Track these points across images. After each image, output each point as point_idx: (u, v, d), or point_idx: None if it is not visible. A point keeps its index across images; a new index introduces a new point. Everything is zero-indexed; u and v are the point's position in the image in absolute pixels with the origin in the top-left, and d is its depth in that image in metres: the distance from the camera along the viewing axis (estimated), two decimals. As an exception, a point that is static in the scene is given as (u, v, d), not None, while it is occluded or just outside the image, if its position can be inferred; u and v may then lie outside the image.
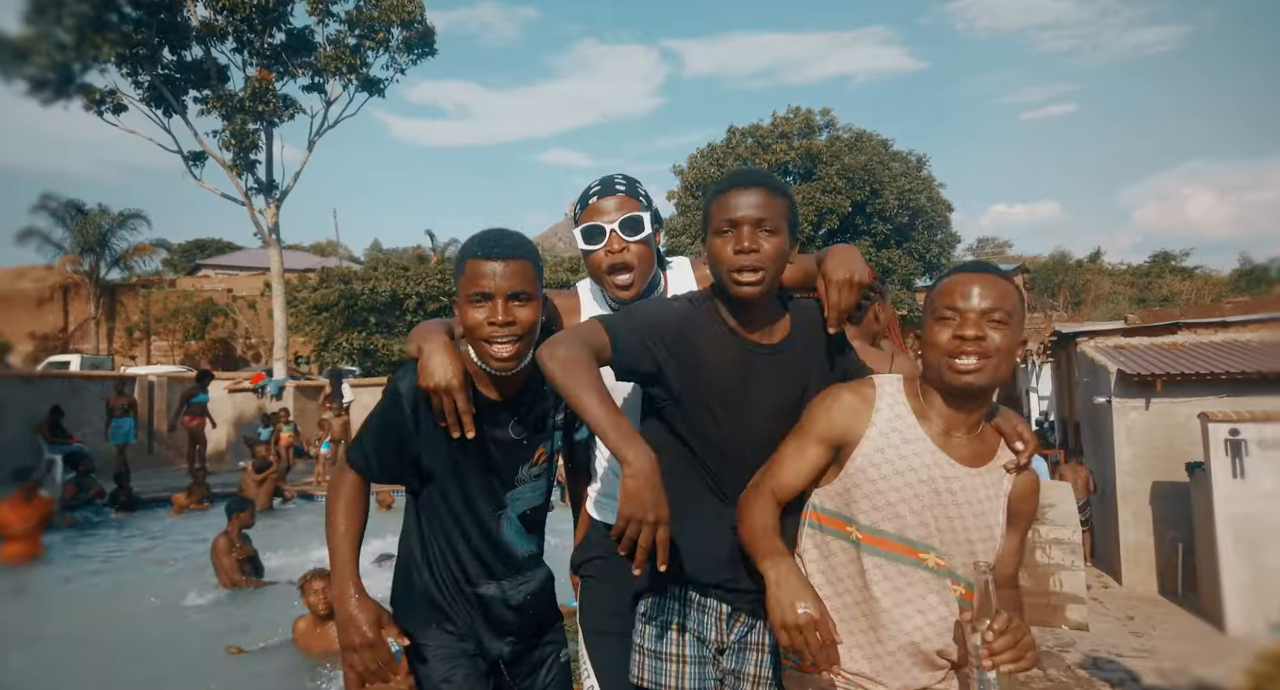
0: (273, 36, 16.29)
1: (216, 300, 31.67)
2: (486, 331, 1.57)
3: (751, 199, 1.52)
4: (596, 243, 1.71)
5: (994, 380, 1.42)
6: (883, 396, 1.51)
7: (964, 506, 1.47)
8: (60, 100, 15.05)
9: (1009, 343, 1.42)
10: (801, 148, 27.46)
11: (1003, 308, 1.42)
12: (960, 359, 1.41)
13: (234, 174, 16.35)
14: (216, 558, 6.27)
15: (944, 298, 1.45)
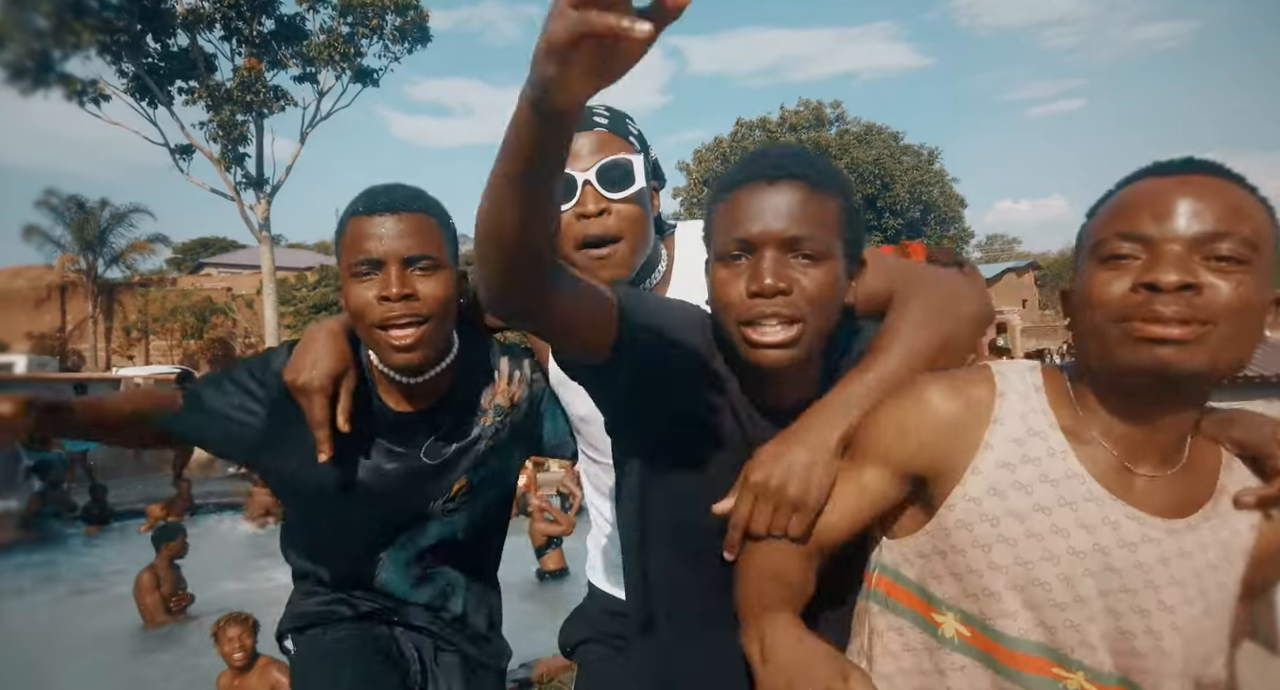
0: (262, 24, 15.76)
1: (215, 299, 31.31)
2: (378, 313, 1.17)
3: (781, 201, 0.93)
4: (564, 200, 1.14)
5: (1217, 363, 0.80)
6: (1008, 400, 0.91)
7: (1164, 589, 0.86)
8: (39, 90, 14.55)
9: (1247, 297, 0.79)
10: (810, 141, 26.93)
11: (1236, 233, 0.80)
12: (1154, 324, 0.79)
13: (222, 167, 15.82)
14: (139, 595, 5.54)
15: (1120, 221, 0.84)
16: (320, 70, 16.31)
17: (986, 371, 0.95)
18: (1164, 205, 0.82)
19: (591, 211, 1.15)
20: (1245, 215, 0.81)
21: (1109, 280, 0.83)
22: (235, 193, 16.12)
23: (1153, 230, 0.81)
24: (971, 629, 0.91)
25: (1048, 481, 0.88)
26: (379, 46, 16.45)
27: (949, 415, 0.91)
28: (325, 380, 1.23)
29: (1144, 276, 0.80)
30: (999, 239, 64.87)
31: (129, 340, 31.78)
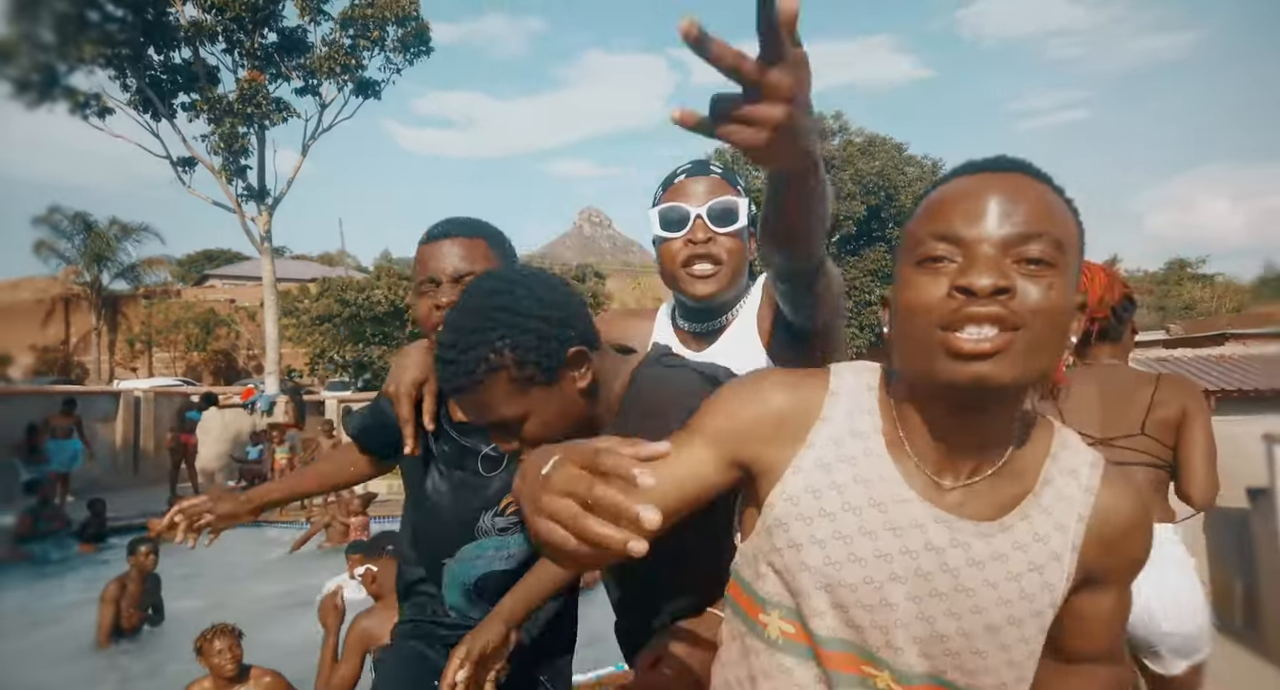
0: (264, 37, 15.78)
1: (219, 311, 31.37)
2: (435, 320, 1.32)
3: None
4: (677, 230, 1.36)
5: (1026, 371, 0.77)
6: (838, 400, 0.90)
7: (977, 592, 0.84)
8: (45, 103, 14.57)
9: (1056, 301, 0.77)
10: (814, 152, 26.94)
11: (1047, 234, 0.78)
12: (969, 337, 0.76)
13: (223, 180, 15.81)
14: (99, 606, 5.34)
15: (935, 221, 0.81)
16: (322, 82, 16.34)
17: (826, 371, 0.94)
18: (976, 205, 0.79)
19: (699, 239, 1.35)
20: (1055, 217, 0.80)
21: (927, 283, 0.80)
22: (237, 205, 16.11)
23: (966, 231, 0.79)
24: (795, 625, 0.90)
25: (861, 482, 0.86)
26: (380, 58, 16.48)
27: (777, 408, 0.90)
28: (409, 387, 1.43)
29: (959, 279, 0.77)
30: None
31: (132, 352, 31.88)
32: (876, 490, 0.86)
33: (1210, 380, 9.37)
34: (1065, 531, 0.85)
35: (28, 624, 6.27)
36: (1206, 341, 11.24)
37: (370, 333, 20.11)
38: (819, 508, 0.87)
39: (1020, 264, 0.77)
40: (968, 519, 0.85)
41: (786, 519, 0.88)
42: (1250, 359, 10.44)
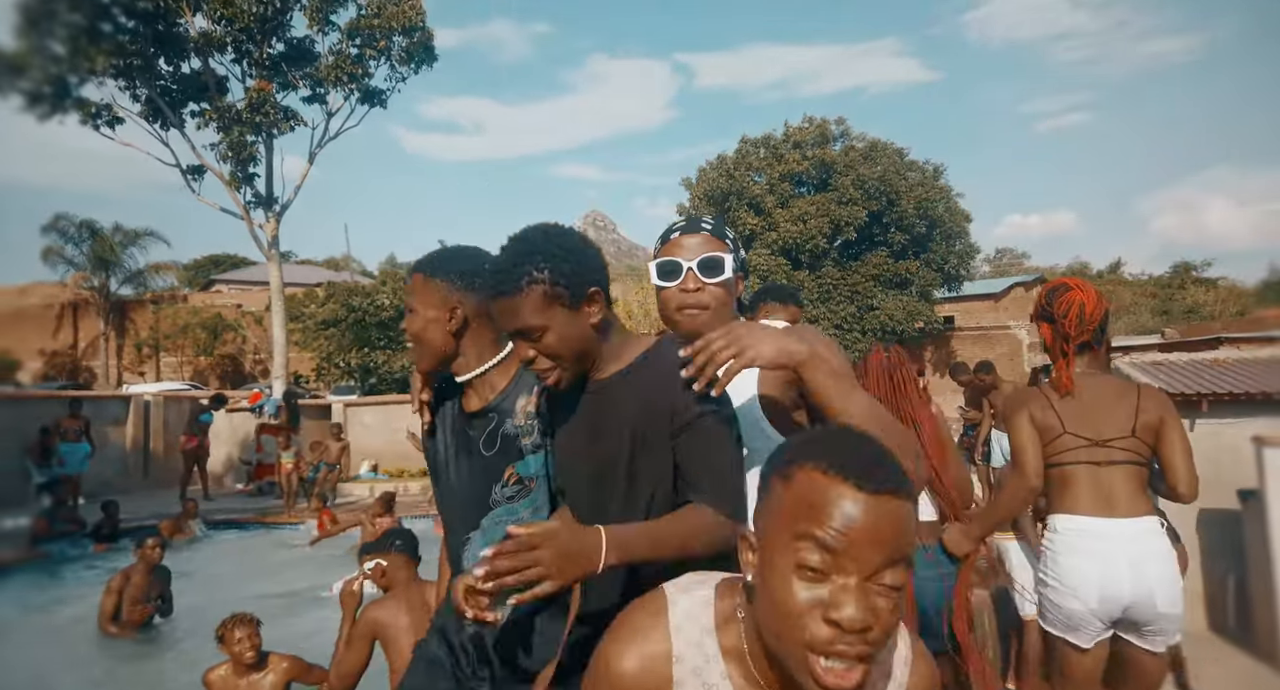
0: (272, 47, 16.00)
1: (226, 316, 31.58)
2: None
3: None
4: (671, 279, 1.58)
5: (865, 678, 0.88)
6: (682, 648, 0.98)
7: None
8: (56, 114, 14.79)
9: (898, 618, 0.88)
10: (815, 158, 26.98)
11: (904, 560, 0.87)
12: (832, 661, 0.86)
13: (232, 187, 16.03)
14: (103, 597, 5.54)
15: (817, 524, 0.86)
16: (329, 91, 16.54)
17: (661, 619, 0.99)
18: (857, 529, 0.85)
19: (690, 288, 1.55)
20: (910, 535, 0.87)
21: (800, 592, 0.87)
22: (245, 212, 16.32)
23: (842, 555, 0.85)
24: None
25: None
26: (386, 68, 16.68)
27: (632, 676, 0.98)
28: (419, 377, 1.81)
29: (831, 613, 0.85)
30: (1008, 253, 64.72)
31: (140, 357, 32.12)
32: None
33: (1203, 384, 9.47)
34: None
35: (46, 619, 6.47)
36: (1201, 345, 11.32)
37: (376, 337, 20.30)
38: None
39: (881, 588, 0.85)
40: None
41: None
42: (1243, 362, 10.53)
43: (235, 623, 3.80)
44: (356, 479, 13.68)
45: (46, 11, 13.86)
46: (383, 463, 14.43)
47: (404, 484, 13.06)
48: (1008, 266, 58.51)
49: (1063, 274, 51.17)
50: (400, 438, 13.90)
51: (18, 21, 13.78)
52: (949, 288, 28.85)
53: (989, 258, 58.97)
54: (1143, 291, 43.21)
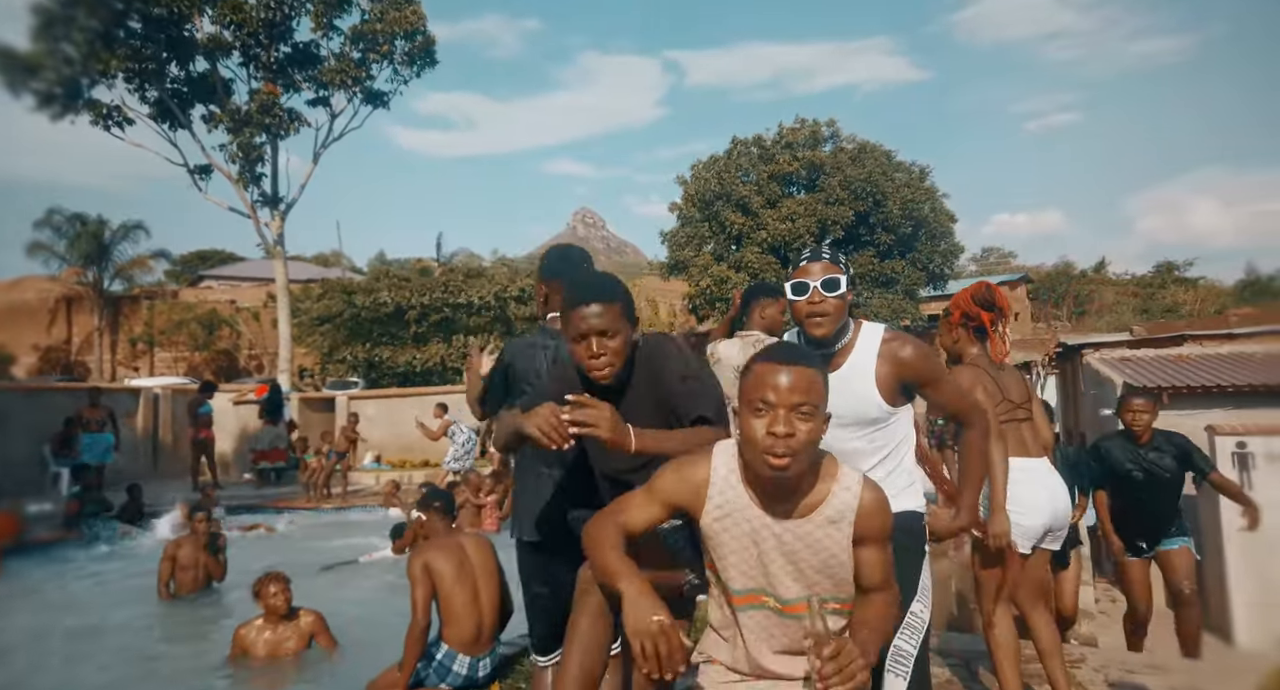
0: (278, 51, 16.40)
1: (220, 311, 31.79)
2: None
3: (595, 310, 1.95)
4: (801, 295, 2.16)
5: (802, 468, 1.55)
6: (718, 473, 1.65)
7: (799, 552, 1.61)
8: (68, 115, 15.13)
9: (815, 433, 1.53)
10: (805, 159, 27.52)
11: (811, 400, 1.53)
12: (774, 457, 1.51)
13: (240, 187, 16.42)
14: (160, 565, 6.13)
15: (758, 390, 1.54)
16: (333, 93, 16.96)
17: (710, 454, 1.68)
18: (779, 383, 1.52)
19: (815, 301, 2.12)
20: (817, 390, 1.54)
21: (756, 422, 1.53)
22: (252, 210, 16.71)
23: (774, 398, 1.52)
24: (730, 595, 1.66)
25: (736, 508, 1.64)
26: (389, 70, 17.12)
27: (696, 480, 1.66)
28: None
29: (769, 428, 1.51)
30: (995, 252, 65.39)
31: (134, 352, 32.27)
32: (742, 511, 1.63)
33: (1164, 377, 10.12)
34: (843, 519, 1.61)
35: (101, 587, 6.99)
36: (1167, 342, 11.97)
37: (378, 334, 20.71)
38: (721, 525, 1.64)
39: (799, 415, 1.50)
40: (788, 519, 1.61)
41: (709, 532, 1.65)
42: (1204, 358, 11.18)
43: (269, 579, 4.39)
44: (362, 469, 14.12)
45: (62, 15, 14.20)
46: (386, 454, 14.86)
47: (408, 474, 13.52)
48: (994, 265, 59.22)
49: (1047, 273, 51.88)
50: (403, 430, 14.35)
51: (33, 24, 14.11)
52: (934, 286, 29.49)
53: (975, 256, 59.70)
54: (1124, 291, 44.01)
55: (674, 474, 1.68)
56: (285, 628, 4.46)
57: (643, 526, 1.69)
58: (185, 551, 6.22)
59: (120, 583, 7.10)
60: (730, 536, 1.63)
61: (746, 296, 4.00)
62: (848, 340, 2.19)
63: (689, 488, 1.67)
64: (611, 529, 1.66)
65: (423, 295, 19.92)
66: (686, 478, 1.67)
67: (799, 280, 2.15)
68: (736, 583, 1.65)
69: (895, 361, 2.14)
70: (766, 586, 1.64)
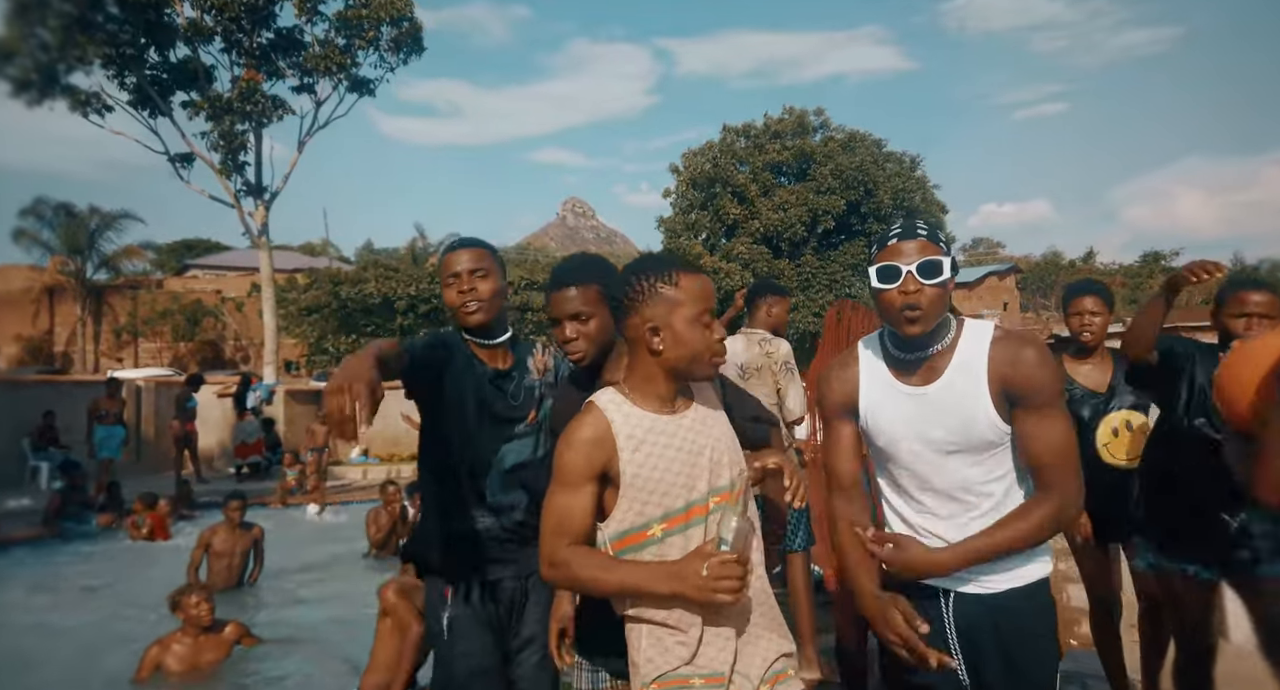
0: (260, 37, 16.08)
1: (205, 302, 31.44)
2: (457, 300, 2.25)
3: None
4: (891, 282, 1.69)
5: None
6: (605, 408, 1.57)
7: (703, 449, 1.57)
8: (45, 102, 14.80)
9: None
10: (795, 148, 27.38)
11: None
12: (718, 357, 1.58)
13: (222, 176, 16.13)
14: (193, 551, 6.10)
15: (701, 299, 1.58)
16: (318, 81, 16.67)
17: (592, 403, 1.59)
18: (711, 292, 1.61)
19: (910, 291, 1.67)
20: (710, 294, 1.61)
21: (703, 330, 1.56)
22: (235, 199, 16.43)
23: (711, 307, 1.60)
24: (667, 520, 1.54)
25: (644, 428, 1.55)
26: (375, 57, 16.82)
27: (598, 430, 1.54)
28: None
29: (714, 334, 1.58)
30: (984, 242, 65.67)
31: (118, 343, 31.91)
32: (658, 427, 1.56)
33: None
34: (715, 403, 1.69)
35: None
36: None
37: (364, 324, 20.49)
38: (641, 455, 1.54)
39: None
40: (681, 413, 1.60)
41: (636, 471, 1.53)
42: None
43: (190, 589, 4.20)
44: (349, 463, 13.95)
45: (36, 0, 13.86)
46: (373, 447, 14.70)
47: (396, 468, 13.36)
48: (983, 255, 59.40)
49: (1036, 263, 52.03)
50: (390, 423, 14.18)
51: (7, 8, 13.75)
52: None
53: (965, 246, 59.86)
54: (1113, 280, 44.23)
55: (567, 447, 1.56)
56: (206, 640, 4.24)
57: (587, 518, 1.55)
58: (221, 538, 6.13)
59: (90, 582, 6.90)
60: (655, 463, 1.53)
61: (752, 293, 3.96)
62: (949, 340, 1.73)
63: (592, 441, 1.54)
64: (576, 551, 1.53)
65: (409, 285, 19.70)
66: (584, 437, 1.55)
67: (887, 263, 1.69)
68: (679, 500, 1.54)
69: (1010, 363, 1.67)
70: (702, 488, 1.55)
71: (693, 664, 1.50)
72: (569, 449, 1.54)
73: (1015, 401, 1.67)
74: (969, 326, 1.76)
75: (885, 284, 1.69)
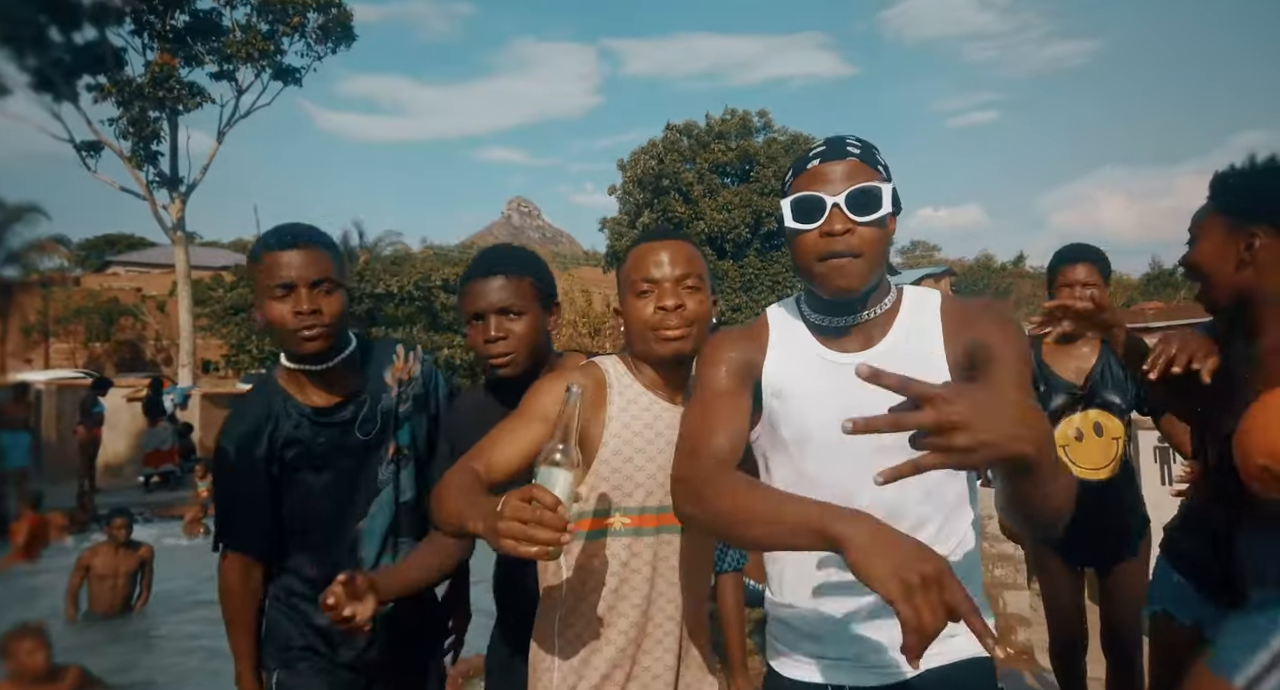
0: (175, 19, 15.19)
1: (124, 300, 29.89)
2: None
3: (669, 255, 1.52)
4: (811, 220, 1.22)
5: (697, 345, 1.42)
6: (608, 372, 1.47)
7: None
8: (-69, 81, 13.70)
9: (704, 308, 1.46)
10: (739, 149, 27.46)
11: (695, 272, 1.45)
12: (667, 330, 1.41)
13: (132, 165, 15.19)
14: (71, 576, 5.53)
15: (639, 269, 1.44)
16: (239, 68, 15.85)
17: (595, 363, 1.49)
18: (657, 258, 1.43)
19: (837, 230, 1.21)
20: (697, 261, 1.47)
21: (641, 303, 1.42)
22: (147, 191, 15.50)
23: (657, 274, 1.42)
24: (631, 517, 1.41)
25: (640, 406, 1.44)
26: (301, 45, 16.09)
27: (592, 379, 1.42)
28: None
29: (656, 303, 1.41)
30: (921, 245, 67.36)
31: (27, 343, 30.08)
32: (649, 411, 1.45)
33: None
34: None
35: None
36: (1088, 336, 12.15)
37: (291, 324, 19.60)
38: (628, 436, 1.44)
39: (686, 288, 1.43)
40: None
41: (616, 447, 1.42)
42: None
43: (22, 634, 3.49)
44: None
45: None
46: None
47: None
48: (920, 258, 60.92)
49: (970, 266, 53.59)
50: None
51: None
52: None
53: (903, 249, 61.24)
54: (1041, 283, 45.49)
55: (551, 385, 1.40)
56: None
57: (515, 461, 1.32)
58: (103, 559, 5.51)
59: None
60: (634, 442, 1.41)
61: None
62: (889, 304, 1.31)
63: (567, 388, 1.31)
64: (465, 474, 1.30)
65: (339, 284, 18.89)
66: (553, 387, 1.40)
67: (806, 194, 1.22)
68: (654, 498, 1.41)
69: (971, 321, 1.26)
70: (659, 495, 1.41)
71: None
72: (546, 385, 1.41)
73: (974, 375, 1.23)
74: (910, 293, 1.35)
75: (802, 223, 1.22)
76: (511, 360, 1.58)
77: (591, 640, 1.38)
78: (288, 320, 1.58)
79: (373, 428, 1.71)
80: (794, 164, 1.31)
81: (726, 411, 1.26)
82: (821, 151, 1.28)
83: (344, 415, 1.69)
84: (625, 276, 1.46)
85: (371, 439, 1.72)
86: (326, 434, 1.68)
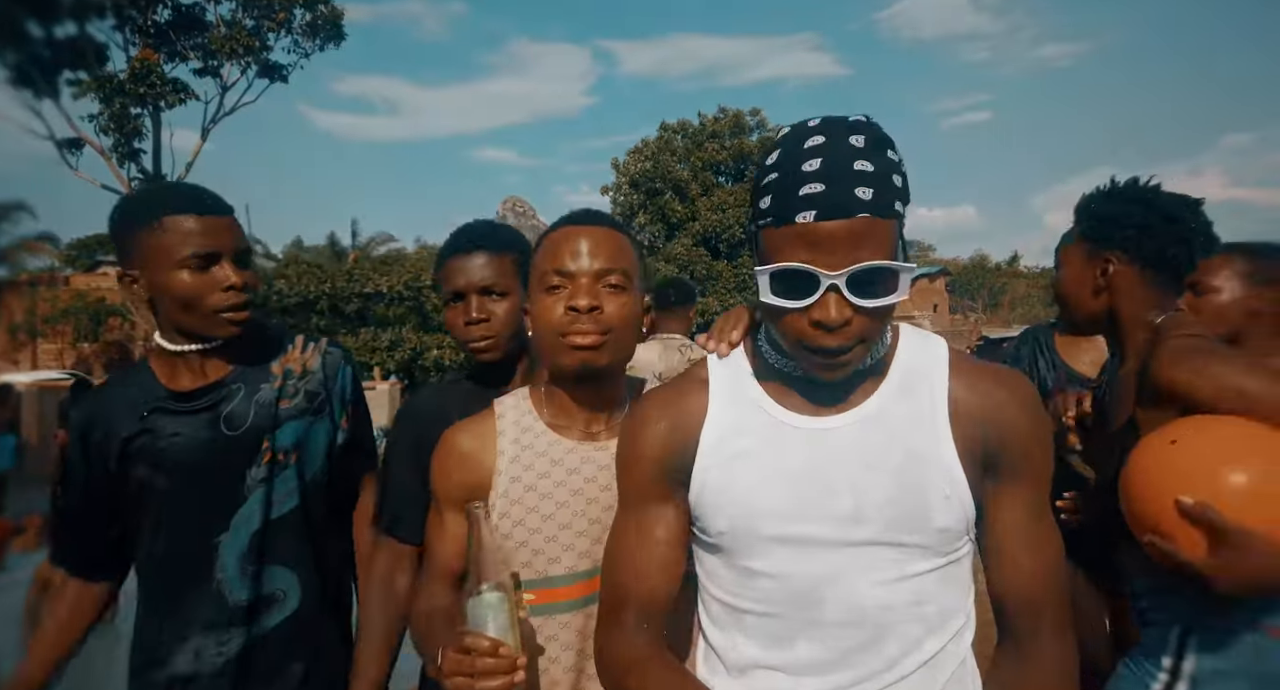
0: (157, 14, 14.96)
1: (111, 300, 29.62)
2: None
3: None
4: (798, 297, 0.89)
5: (615, 358, 1.15)
6: (503, 416, 1.22)
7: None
8: (-93, 77, 13.45)
9: (629, 310, 1.15)
10: (733, 148, 27.34)
11: (619, 268, 1.14)
12: (577, 336, 1.12)
13: (113, 162, 14.96)
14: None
15: (551, 260, 1.15)
16: (223, 64, 15.61)
17: (490, 407, 1.24)
18: (575, 247, 1.12)
19: (833, 320, 0.90)
20: (625, 254, 1.15)
21: (550, 302, 1.12)
22: (129, 188, 15.28)
23: (572, 267, 1.12)
24: (535, 591, 1.14)
25: (541, 450, 1.17)
26: (288, 41, 15.86)
27: (465, 448, 1.19)
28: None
29: (568, 302, 1.11)
30: (915, 244, 67.41)
31: (15, 343, 29.80)
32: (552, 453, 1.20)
33: (1084, 372, 10.13)
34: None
35: None
36: (1084, 336, 12.12)
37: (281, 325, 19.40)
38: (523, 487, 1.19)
39: (608, 288, 1.12)
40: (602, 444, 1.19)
41: (508, 509, 1.17)
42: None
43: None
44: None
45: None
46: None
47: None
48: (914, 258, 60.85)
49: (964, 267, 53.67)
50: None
51: None
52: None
53: (896, 249, 61.23)
54: (1035, 283, 45.71)
55: (436, 456, 1.22)
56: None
57: (458, 550, 1.17)
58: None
59: None
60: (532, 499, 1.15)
61: (666, 294, 3.70)
62: (881, 353, 1.01)
63: (468, 448, 1.18)
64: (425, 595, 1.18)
65: (323, 282, 18.71)
66: (458, 441, 1.20)
67: (792, 265, 0.87)
68: (562, 564, 1.15)
69: (987, 398, 0.97)
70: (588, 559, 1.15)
71: None
72: (437, 464, 1.21)
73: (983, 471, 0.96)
74: (907, 334, 1.03)
75: (785, 299, 0.89)
76: (493, 344, 1.46)
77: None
78: (213, 299, 1.37)
79: (243, 423, 1.41)
80: (775, 195, 0.89)
81: (658, 536, 0.99)
82: (818, 199, 0.85)
83: (203, 402, 1.41)
84: (535, 266, 1.16)
85: (242, 435, 1.41)
86: (182, 424, 1.39)
